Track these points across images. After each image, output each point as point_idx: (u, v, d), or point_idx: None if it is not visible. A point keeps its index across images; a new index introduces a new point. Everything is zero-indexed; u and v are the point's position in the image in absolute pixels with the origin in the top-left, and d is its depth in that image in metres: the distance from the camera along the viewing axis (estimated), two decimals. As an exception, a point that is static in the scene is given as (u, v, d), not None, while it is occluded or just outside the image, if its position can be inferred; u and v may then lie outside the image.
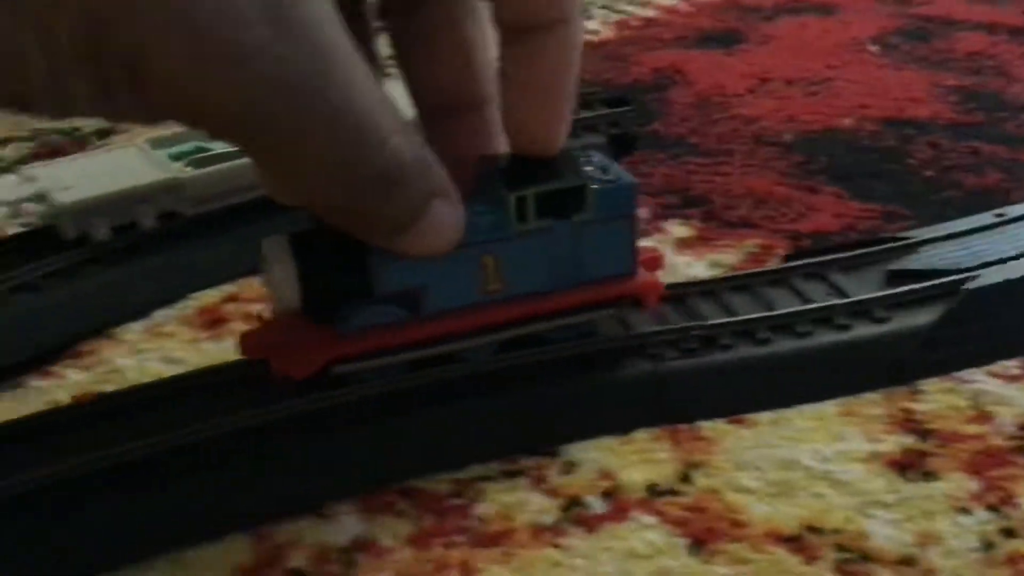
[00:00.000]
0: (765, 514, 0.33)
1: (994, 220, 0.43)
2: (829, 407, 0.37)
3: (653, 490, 0.34)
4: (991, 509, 0.33)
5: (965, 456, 0.35)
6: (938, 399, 0.37)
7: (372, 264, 0.32)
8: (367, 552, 0.32)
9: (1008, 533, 0.32)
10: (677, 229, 0.49)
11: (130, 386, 0.37)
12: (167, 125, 0.31)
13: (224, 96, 0.23)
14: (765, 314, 0.38)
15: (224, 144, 0.39)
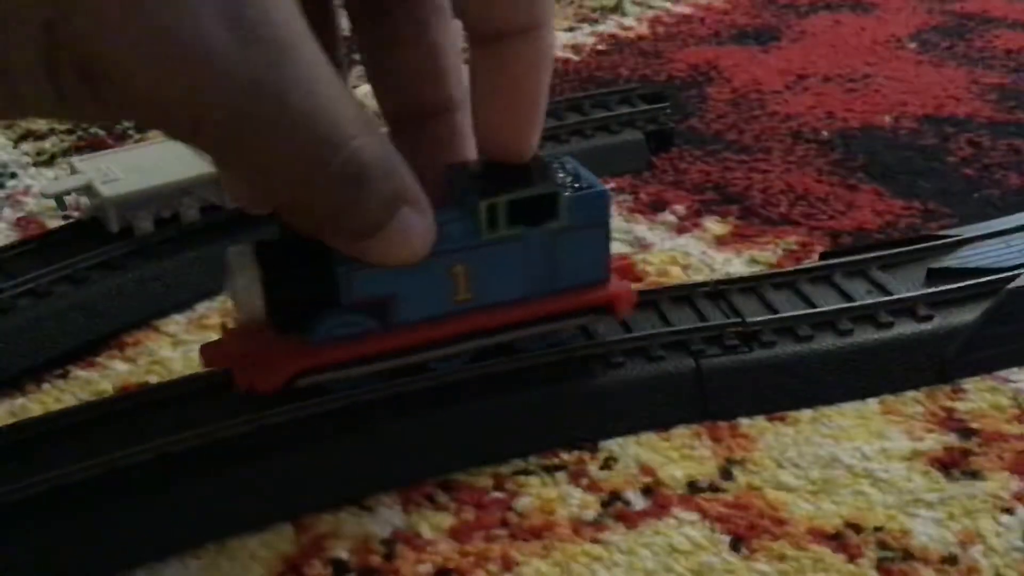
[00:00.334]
0: (807, 512, 0.33)
1: (1035, 219, 0.43)
2: (870, 405, 0.37)
3: (693, 486, 0.34)
4: (1035, 509, 0.33)
5: (1008, 455, 0.35)
6: (980, 398, 0.37)
7: (339, 273, 0.31)
8: (407, 544, 0.32)
9: (1052, 533, 0.32)
10: (715, 226, 0.49)
11: (173, 379, 0.38)
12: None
13: (179, 96, 0.22)
14: (806, 311, 0.38)
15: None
